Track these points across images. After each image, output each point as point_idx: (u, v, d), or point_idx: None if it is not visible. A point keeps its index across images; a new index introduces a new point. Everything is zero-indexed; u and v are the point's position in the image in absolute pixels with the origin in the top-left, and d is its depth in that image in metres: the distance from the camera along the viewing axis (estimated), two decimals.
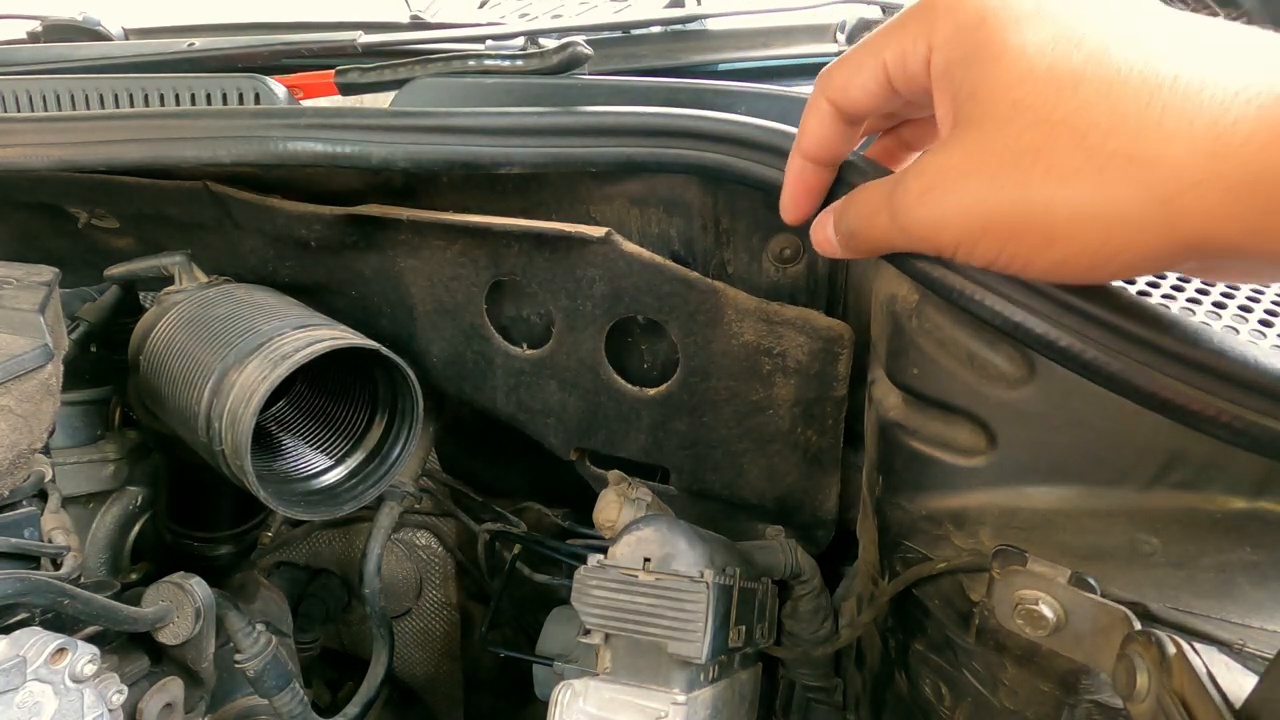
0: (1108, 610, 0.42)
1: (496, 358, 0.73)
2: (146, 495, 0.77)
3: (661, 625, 0.56)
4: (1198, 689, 0.35)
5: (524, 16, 1.06)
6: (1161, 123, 0.30)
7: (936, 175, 0.36)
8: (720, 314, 0.63)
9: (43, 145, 0.66)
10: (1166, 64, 0.31)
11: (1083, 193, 0.31)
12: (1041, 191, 0.32)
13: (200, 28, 1.20)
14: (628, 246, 0.63)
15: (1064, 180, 0.32)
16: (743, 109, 0.64)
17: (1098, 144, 0.31)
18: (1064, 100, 0.32)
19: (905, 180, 0.37)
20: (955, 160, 0.35)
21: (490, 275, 0.69)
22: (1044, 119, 0.32)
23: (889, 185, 0.39)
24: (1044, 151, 0.32)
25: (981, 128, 0.34)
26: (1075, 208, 0.32)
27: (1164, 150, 0.30)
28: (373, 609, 0.82)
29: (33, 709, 0.48)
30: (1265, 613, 0.45)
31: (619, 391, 0.70)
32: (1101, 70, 0.31)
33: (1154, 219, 0.31)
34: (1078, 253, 0.33)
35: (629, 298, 0.65)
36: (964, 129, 0.35)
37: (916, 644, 0.59)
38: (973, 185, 0.34)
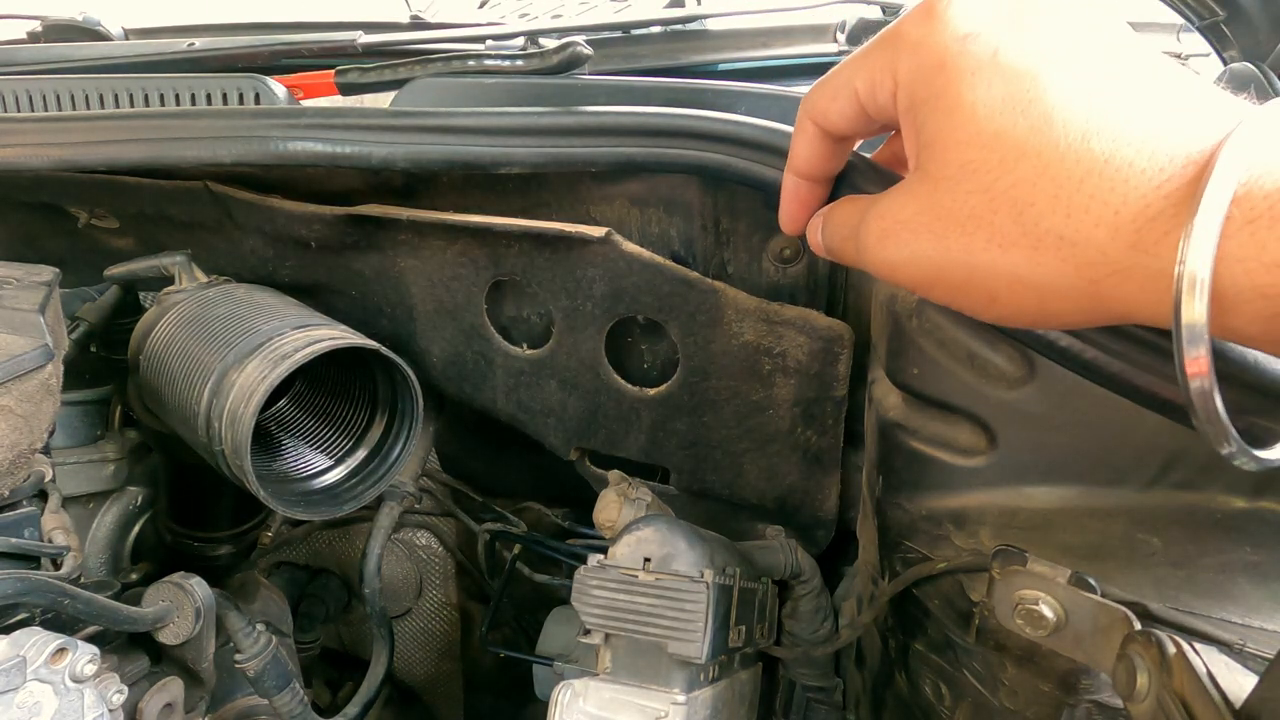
0: (1108, 610, 0.42)
1: (496, 358, 0.73)
2: (146, 495, 0.77)
3: (661, 625, 0.56)
4: (1198, 689, 0.35)
5: (524, 16, 1.06)
6: (1089, 208, 0.32)
7: (893, 223, 0.39)
8: (720, 314, 0.63)
9: (43, 145, 0.66)
10: (1101, 141, 0.32)
11: (1019, 263, 0.34)
12: (983, 257, 0.35)
13: (200, 28, 1.20)
14: (628, 246, 0.63)
15: (1003, 249, 0.35)
16: (743, 109, 0.64)
17: (1033, 221, 0.34)
18: (1006, 172, 0.34)
19: (869, 220, 0.40)
20: (910, 212, 0.38)
21: (490, 275, 0.69)
22: (988, 187, 0.35)
23: (859, 214, 0.41)
24: (985, 220, 0.35)
25: (935, 183, 0.37)
26: (1013, 275, 0.35)
27: (1091, 234, 0.32)
28: (373, 609, 0.82)
29: (33, 709, 0.48)
30: (1265, 613, 0.45)
31: (619, 391, 0.70)
32: (1042, 143, 0.33)
33: (1084, 294, 0.33)
34: (1017, 313, 0.36)
35: (629, 298, 0.65)
36: (920, 178, 0.37)
37: (916, 644, 0.59)
38: (924, 239, 0.37)
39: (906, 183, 0.39)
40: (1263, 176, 0.29)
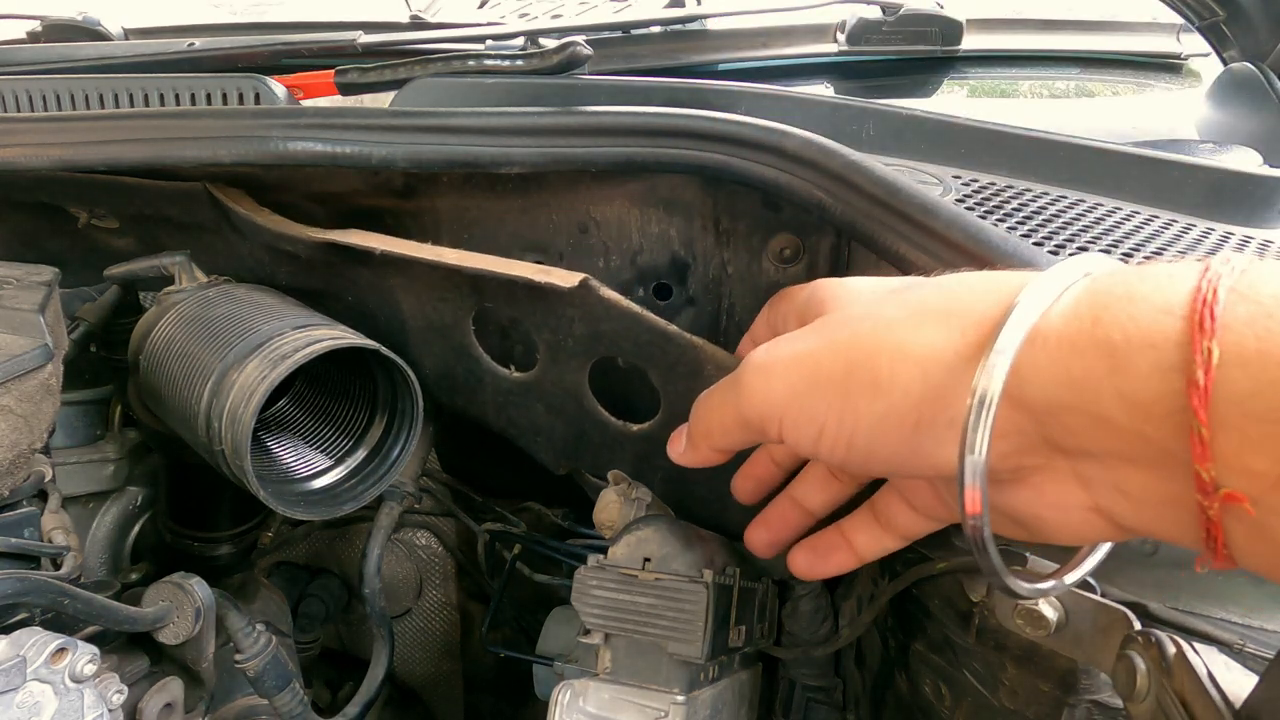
0: (1108, 610, 0.42)
1: (485, 376, 0.72)
2: (146, 495, 0.77)
3: (661, 625, 0.56)
4: (1198, 689, 0.35)
5: (524, 16, 1.06)
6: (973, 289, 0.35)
7: (774, 347, 0.41)
8: (700, 367, 0.61)
9: (43, 145, 0.66)
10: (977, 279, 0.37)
11: (904, 336, 0.36)
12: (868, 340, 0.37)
13: (200, 28, 1.20)
14: (604, 293, 0.60)
15: (889, 328, 0.36)
16: (743, 109, 0.64)
17: (918, 307, 0.36)
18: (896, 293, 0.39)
19: (753, 358, 0.42)
20: (798, 330, 0.41)
21: (474, 302, 0.68)
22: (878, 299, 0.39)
23: (732, 373, 0.44)
24: (874, 313, 0.38)
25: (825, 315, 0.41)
26: (897, 350, 0.35)
27: (975, 305, 0.34)
28: (373, 609, 0.82)
29: (33, 709, 0.48)
30: (1265, 613, 0.45)
31: (603, 423, 0.68)
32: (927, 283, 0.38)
33: (966, 356, 0.33)
34: (901, 399, 0.35)
35: (608, 341, 0.63)
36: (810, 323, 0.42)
37: (916, 644, 0.59)
38: (809, 339, 0.40)
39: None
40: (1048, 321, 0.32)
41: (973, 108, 1.04)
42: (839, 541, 0.50)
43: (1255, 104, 0.82)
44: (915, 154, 0.63)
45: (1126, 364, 0.28)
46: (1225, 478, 0.26)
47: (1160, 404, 0.27)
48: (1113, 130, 0.91)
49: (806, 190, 0.54)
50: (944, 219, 0.47)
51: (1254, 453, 0.26)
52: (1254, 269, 0.27)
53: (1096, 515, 0.34)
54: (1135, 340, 0.28)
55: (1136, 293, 0.29)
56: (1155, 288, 0.29)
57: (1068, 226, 0.52)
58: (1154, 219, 0.56)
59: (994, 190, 0.57)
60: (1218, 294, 0.26)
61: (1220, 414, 0.26)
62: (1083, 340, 0.29)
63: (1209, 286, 0.27)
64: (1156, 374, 0.27)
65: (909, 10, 1.04)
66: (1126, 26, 1.17)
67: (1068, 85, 1.11)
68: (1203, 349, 0.26)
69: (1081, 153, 0.61)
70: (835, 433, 0.37)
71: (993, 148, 0.62)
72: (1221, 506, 0.27)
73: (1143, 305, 0.28)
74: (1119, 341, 0.28)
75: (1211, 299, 0.26)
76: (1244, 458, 0.26)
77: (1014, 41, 1.13)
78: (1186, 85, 1.11)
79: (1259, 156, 0.66)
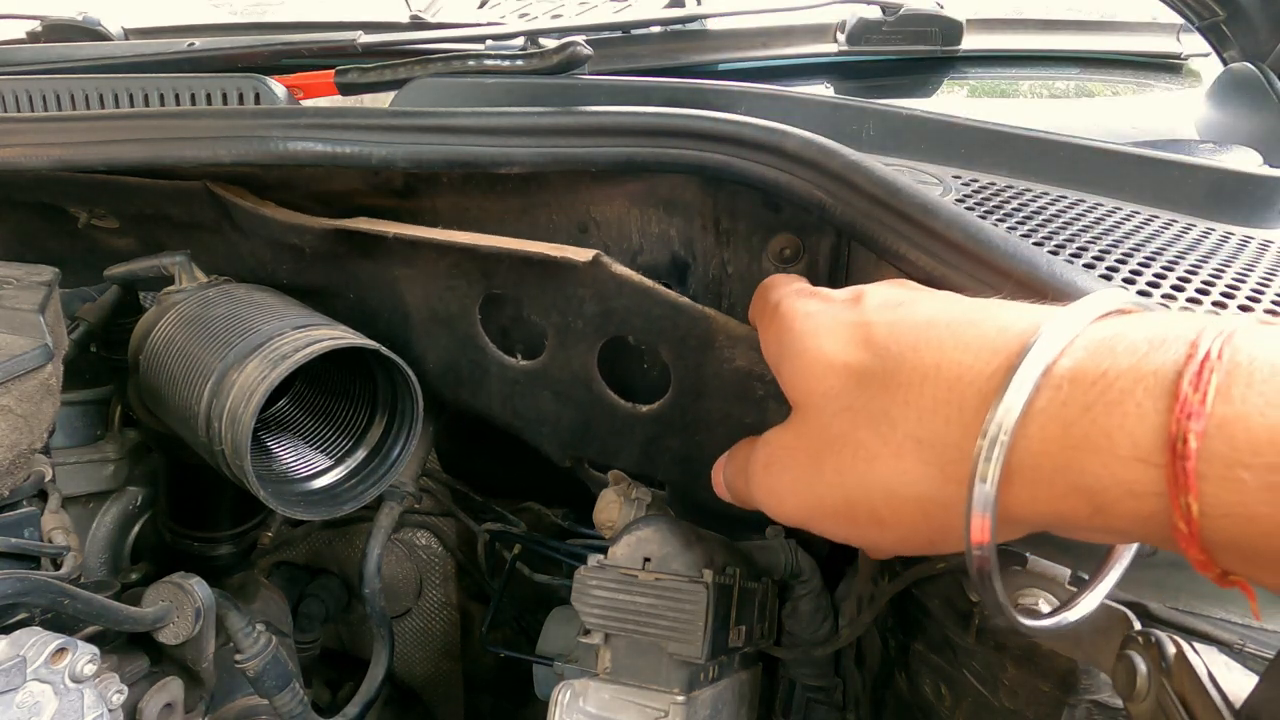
0: (1108, 610, 0.42)
1: (491, 367, 0.72)
2: (146, 495, 0.77)
3: (661, 625, 0.56)
4: (1198, 689, 0.35)
5: (524, 16, 1.06)
6: (936, 410, 0.34)
7: (776, 449, 0.41)
8: (711, 339, 0.62)
9: (43, 145, 0.66)
10: (928, 355, 0.35)
11: (888, 475, 0.35)
12: (853, 476, 0.36)
13: (200, 28, 1.20)
14: (616, 269, 0.61)
15: (870, 464, 0.35)
16: (743, 109, 0.64)
17: (890, 430, 0.35)
18: (861, 390, 0.37)
19: (756, 450, 0.43)
20: (788, 438, 0.41)
21: (482, 289, 0.68)
22: (847, 406, 0.37)
23: (751, 447, 0.44)
24: (851, 437, 0.36)
25: (804, 413, 0.40)
26: (886, 490, 0.35)
27: (943, 433, 0.33)
28: (373, 609, 0.82)
29: (33, 709, 0.48)
30: (1265, 613, 0.45)
31: (612, 406, 0.69)
32: (885, 363, 0.36)
33: (956, 497, 0.32)
34: (909, 533, 0.35)
35: (619, 319, 0.64)
36: (795, 414, 0.41)
37: (916, 644, 0.59)
38: (801, 463, 0.39)
39: (788, 419, 0.42)
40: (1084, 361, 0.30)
41: (973, 108, 1.04)
42: None
43: (1255, 104, 0.82)
44: (915, 154, 0.63)
45: (1107, 508, 0.29)
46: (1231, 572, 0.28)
47: (1151, 536, 0.29)
48: (1113, 130, 0.91)
49: (806, 190, 0.54)
50: (944, 219, 0.47)
51: (1259, 572, 0.27)
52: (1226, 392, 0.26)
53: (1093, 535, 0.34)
54: (1112, 489, 0.28)
55: (1102, 429, 0.28)
56: (1121, 423, 0.28)
57: (1068, 226, 0.52)
58: (1154, 219, 0.56)
59: (994, 190, 0.57)
60: (1188, 441, 0.26)
61: (1213, 547, 0.27)
62: (1059, 485, 0.30)
63: (1179, 430, 0.26)
64: (1140, 519, 0.28)
65: (909, 10, 1.04)
66: (1126, 26, 1.17)
67: (1068, 85, 1.11)
68: (1181, 505, 0.26)
69: (1081, 153, 0.61)
70: (860, 543, 0.39)
71: (993, 148, 0.62)
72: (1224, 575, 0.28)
73: (1114, 453, 0.28)
74: (1096, 488, 0.29)
75: (1183, 448, 0.26)
76: (1245, 569, 0.27)
77: (1014, 41, 1.13)
78: (1186, 85, 1.11)
79: (1259, 156, 0.66)
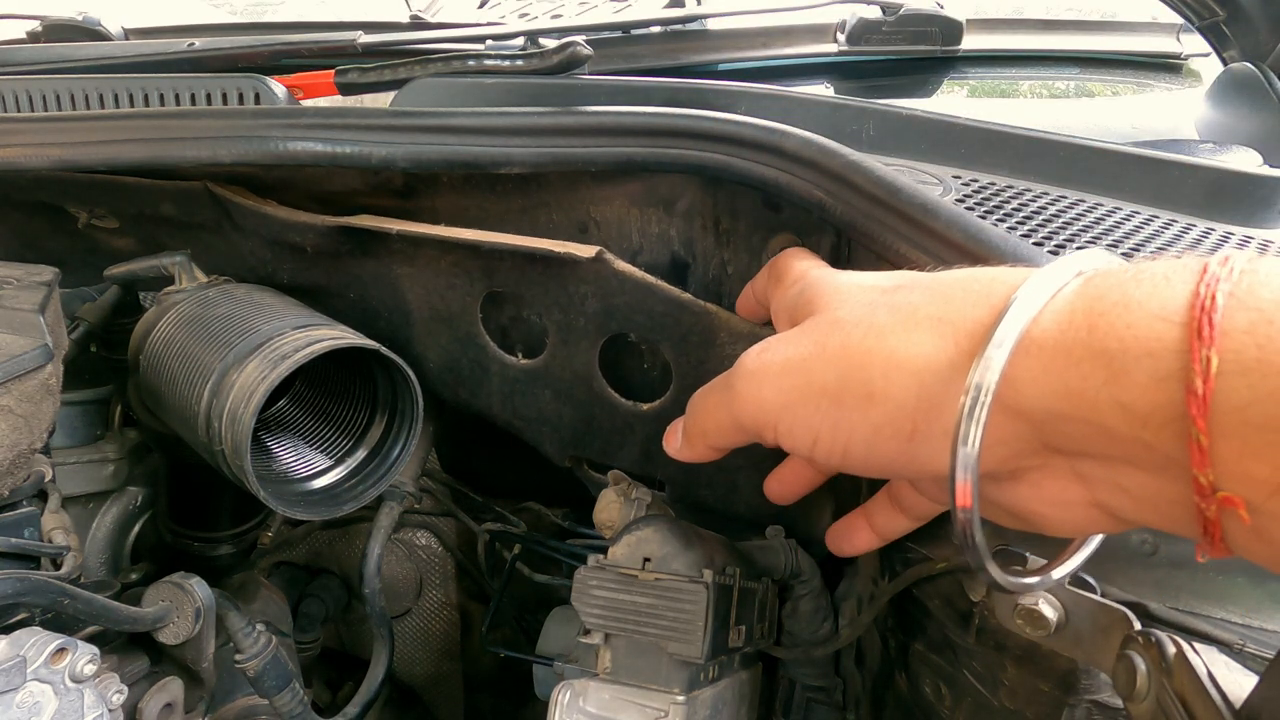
0: (1108, 610, 0.42)
1: (492, 366, 0.72)
2: (146, 495, 0.77)
3: (661, 625, 0.56)
4: (1198, 689, 0.35)
5: (524, 16, 1.06)
6: (966, 298, 0.34)
7: (774, 338, 0.41)
8: (714, 336, 0.62)
9: (43, 145, 0.66)
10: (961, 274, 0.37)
11: (896, 344, 0.35)
12: (860, 347, 0.36)
13: (200, 28, 1.20)
14: (619, 265, 0.62)
15: (881, 337, 0.36)
16: (743, 109, 0.64)
17: (913, 312, 0.35)
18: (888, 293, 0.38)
19: (752, 348, 0.42)
20: (792, 331, 0.41)
21: (484, 287, 0.68)
22: (870, 301, 0.38)
23: (727, 373, 0.44)
24: (866, 319, 0.37)
25: (817, 314, 0.40)
26: (890, 360, 0.35)
27: (969, 313, 0.34)
28: (373, 609, 0.82)
29: (33, 709, 0.48)
30: (1265, 613, 0.45)
31: (613, 405, 0.69)
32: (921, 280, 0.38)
33: (961, 366, 0.32)
34: (895, 411, 0.35)
35: (621, 316, 0.64)
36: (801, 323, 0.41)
37: (916, 644, 0.59)
38: (803, 345, 0.39)
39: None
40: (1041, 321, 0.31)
41: (973, 108, 1.04)
42: (861, 523, 0.52)
43: (1255, 104, 0.82)
44: (915, 154, 0.63)
45: (1124, 373, 0.28)
46: (1224, 482, 0.26)
47: (1159, 412, 0.27)
48: (1113, 130, 0.91)
49: (806, 190, 0.54)
50: (944, 219, 0.47)
51: (1253, 460, 0.25)
52: (1252, 271, 0.27)
53: (1096, 510, 0.34)
54: (1132, 349, 0.27)
55: (1132, 298, 0.28)
56: (1151, 292, 0.28)
57: (1068, 226, 0.52)
58: (1154, 219, 0.56)
59: (994, 190, 0.57)
60: (1216, 300, 0.26)
61: (1219, 421, 0.26)
62: (1078, 349, 0.29)
63: (1207, 291, 0.26)
64: (1154, 383, 0.27)
65: (909, 10, 1.04)
66: (1126, 26, 1.17)
67: (1068, 85, 1.11)
68: (1201, 358, 0.25)
69: (1081, 153, 0.61)
70: (830, 441, 0.37)
71: (993, 148, 0.62)
72: (1219, 507, 0.27)
73: (1139, 312, 0.28)
74: (1115, 350, 0.28)
75: (1210, 305, 0.26)
76: (1243, 464, 0.26)
77: (1014, 41, 1.13)
78: (1186, 85, 1.11)
79: (1259, 156, 0.66)
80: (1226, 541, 0.28)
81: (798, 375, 0.38)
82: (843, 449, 0.37)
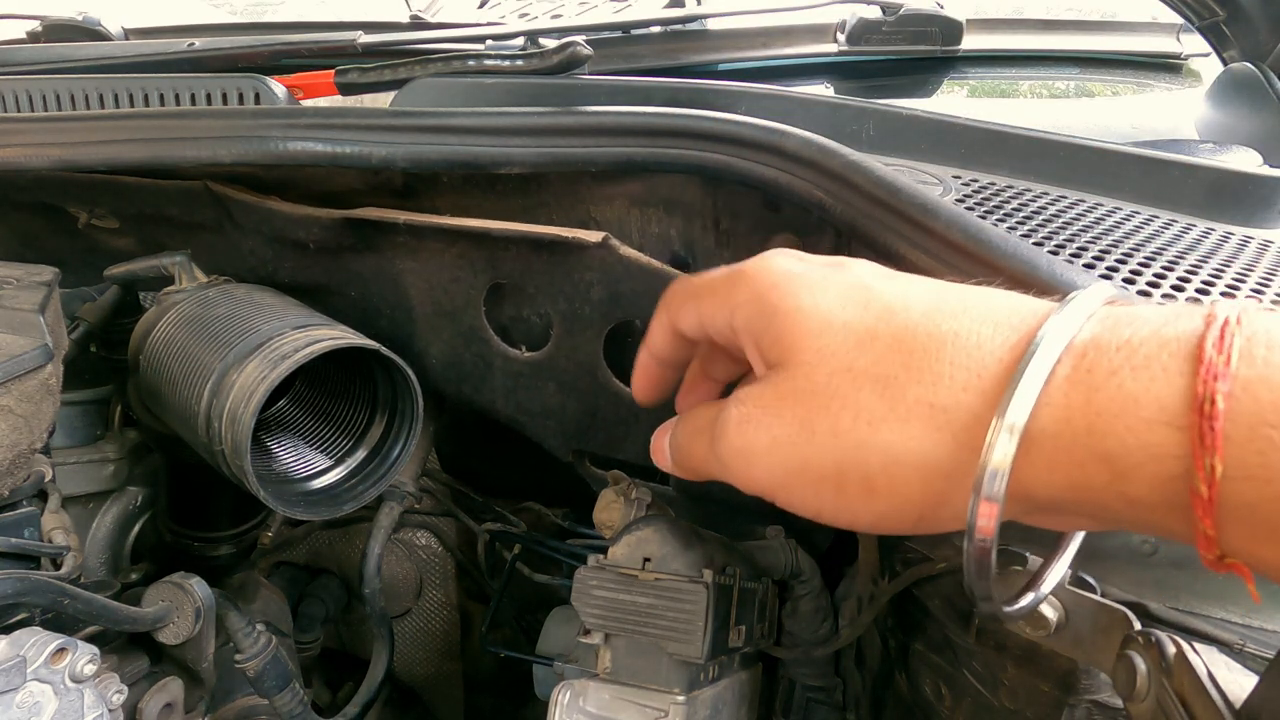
0: (1108, 610, 0.42)
1: (495, 360, 0.73)
2: (146, 495, 0.77)
3: (661, 625, 0.56)
4: (1198, 689, 0.35)
5: (524, 16, 1.06)
6: (953, 375, 0.32)
7: (754, 408, 0.36)
8: None
9: (43, 145, 0.66)
10: (945, 320, 0.33)
11: (892, 439, 0.32)
12: (852, 437, 0.33)
13: (200, 28, 1.20)
14: (625, 251, 0.62)
15: (873, 427, 0.32)
16: (743, 109, 0.64)
17: (899, 393, 0.32)
18: (864, 351, 0.33)
19: (727, 409, 0.37)
20: (770, 397, 0.36)
21: (488, 278, 0.68)
22: (848, 367, 0.33)
23: (716, 409, 0.39)
24: (851, 398, 0.33)
25: (791, 370, 0.35)
26: (888, 455, 0.32)
27: (960, 399, 0.31)
28: (373, 609, 0.82)
29: (33, 709, 0.48)
30: (1265, 613, 0.45)
31: (617, 395, 0.69)
32: (891, 327, 0.33)
33: (966, 466, 0.31)
34: (900, 505, 0.33)
35: (627, 302, 0.65)
36: (775, 371, 0.36)
37: (916, 644, 0.59)
38: (787, 422, 0.35)
39: (765, 376, 0.37)
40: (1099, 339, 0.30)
41: (973, 108, 1.04)
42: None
43: (1255, 104, 0.82)
44: (915, 154, 0.63)
45: (1128, 473, 0.28)
46: (1232, 554, 0.27)
47: (1165, 504, 0.28)
48: (1113, 130, 0.91)
49: (806, 190, 0.54)
50: (944, 219, 0.47)
51: (1260, 546, 0.26)
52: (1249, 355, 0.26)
53: (1087, 519, 0.34)
54: (1135, 453, 0.28)
55: (1129, 394, 0.28)
56: (1148, 387, 0.28)
57: (1068, 226, 0.52)
58: (1154, 219, 0.56)
59: (994, 190, 0.57)
60: (1215, 402, 0.26)
61: (1226, 514, 0.26)
62: (1079, 451, 0.29)
63: (1205, 391, 0.26)
64: (1160, 483, 0.27)
65: (909, 10, 1.04)
66: (1126, 26, 1.17)
67: (1068, 85, 1.11)
68: (1205, 466, 0.26)
69: (1081, 153, 0.61)
70: (833, 517, 0.36)
71: (993, 148, 0.62)
72: (1221, 565, 0.28)
73: (1139, 415, 0.28)
74: (1118, 452, 0.28)
75: (1210, 410, 0.26)
76: (1250, 548, 0.26)
77: (1014, 41, 1.13)
78: (1186, 85, 1.11)
79: (1259, 156, 0.66)
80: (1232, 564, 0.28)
81: (790, 458, 0.35)
82: (848, 523, 0.36)
